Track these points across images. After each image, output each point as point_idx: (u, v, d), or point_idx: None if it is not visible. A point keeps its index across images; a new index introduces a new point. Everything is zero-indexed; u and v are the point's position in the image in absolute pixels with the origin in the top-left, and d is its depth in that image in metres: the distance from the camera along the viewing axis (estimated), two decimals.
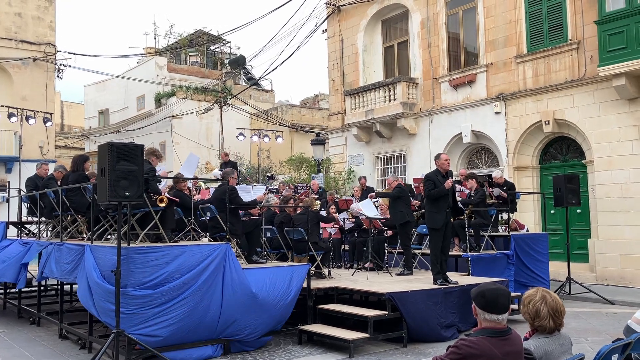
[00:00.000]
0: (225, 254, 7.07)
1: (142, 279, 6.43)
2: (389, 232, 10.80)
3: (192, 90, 28.10)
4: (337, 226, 11.57)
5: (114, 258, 6.24)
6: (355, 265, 10.84)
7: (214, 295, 6.91)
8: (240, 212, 8.99)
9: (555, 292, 3.36)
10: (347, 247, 12.05)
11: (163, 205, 7.29)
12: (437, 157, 8.89)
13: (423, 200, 11.03)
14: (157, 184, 8.18)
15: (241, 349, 7.31)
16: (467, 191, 11.08)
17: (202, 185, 11.49)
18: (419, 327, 7.71)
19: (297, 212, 9.91)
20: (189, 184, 9.90)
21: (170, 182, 9.61)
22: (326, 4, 20.12)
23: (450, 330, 7.96)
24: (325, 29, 20.44)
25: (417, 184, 12.33)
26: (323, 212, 11.05)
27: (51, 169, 11.12)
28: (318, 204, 12.36)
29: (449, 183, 8.48)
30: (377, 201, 11.87)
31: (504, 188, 11.55)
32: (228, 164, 11.09)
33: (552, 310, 3.26)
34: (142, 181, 6.29)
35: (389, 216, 10.60)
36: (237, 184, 9.45)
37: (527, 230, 12.45)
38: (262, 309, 7.30)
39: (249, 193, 9.50)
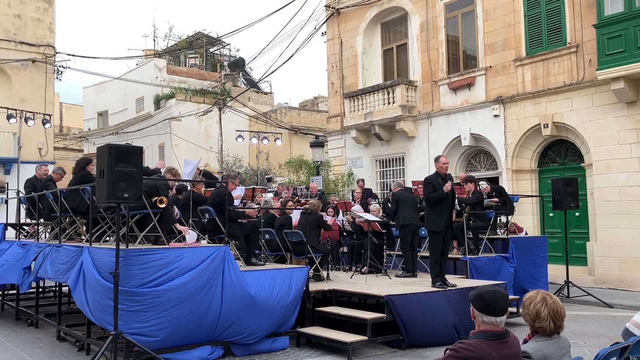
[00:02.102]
0: (224, 256, 7.07)
1: (141, 281, 6.42)
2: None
3: (191, 92, 28.11)
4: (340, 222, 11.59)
5: (112, 260, 6.23)
6: (353, 268, 10.84)
7: (214, 297, 6.89)
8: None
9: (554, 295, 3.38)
10: (345, 249, 12.05)
11: (162, 206, 7.28)
12: (437, 160, 8.88)
13: (421, 203, 11.06)
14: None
15: (243, 351, 7.29)
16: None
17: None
18: (418, 329, 7.70)
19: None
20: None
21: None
22: (325, 6, 20.15)
23: (449, 333, 7.94)
24: (325, 32, 20.47)
25: (415, 187, 12.34)
26: (327, 218, 11.02)
27: (50, 170, 11.10)
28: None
29: (447, 187, 8.45)
30: (373, 203, 11.92)
31: (493, 194, 11.55)
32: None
33: (553, 312, 3.26)
34: (140, 183, 6.28)
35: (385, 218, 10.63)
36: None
37: (526, 233, 12.46)
38: (261, 311, 7.29)
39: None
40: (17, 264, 9.50)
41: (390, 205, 10.49)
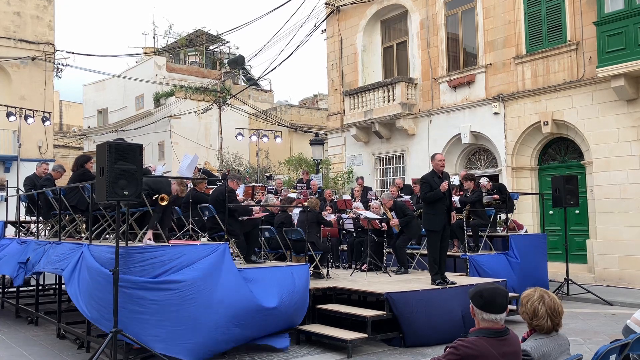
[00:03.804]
0: (224, 254, 7.06)
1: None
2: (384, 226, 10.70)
3: (191, 90, 28.09)
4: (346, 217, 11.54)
5: (111, 257, 6.22)
6: (353, 266, 10.85)
7: (213, 296, 6.87)
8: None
9: (553, 292, 3.37)
10: (345, 247, 12.05)
11: (164, 204, 7.25)
12: (433, 158, 8.88)
13: (419, 202, 11.06)
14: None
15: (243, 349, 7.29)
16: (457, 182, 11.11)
17: None
18: (419, 327, 7.69)
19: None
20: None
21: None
22: (325, 4, 20.12)
23: (455, 329, 7.89)
24: (325, 29, 20.44)
25: (415, 185, 12.34)
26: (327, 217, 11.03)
27: (50, 169, 11.10)
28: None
29: (444, 186, 8.43)
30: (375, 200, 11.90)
31: (494, 191, 11.56)
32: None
33: (550, 310, 3.26)
34: (140, 180, 6.28)
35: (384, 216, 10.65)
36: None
37: (526, 231, 12.45)
38: (262, 310, 7.24)
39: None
40: (13, 257, 9.56)
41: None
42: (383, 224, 10.48)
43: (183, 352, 6.52)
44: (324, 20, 20.20)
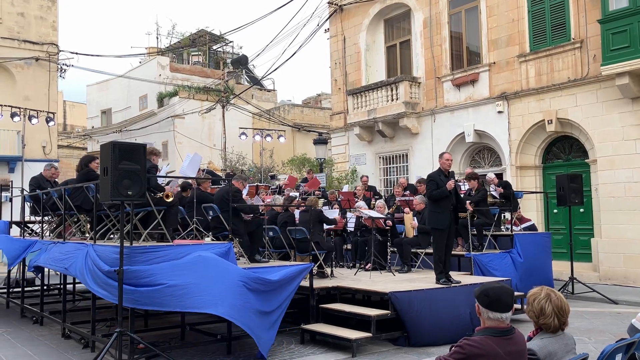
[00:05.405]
0: (227, 254, 7.05)
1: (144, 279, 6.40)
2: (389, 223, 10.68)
3: (195, 90, 28.12)
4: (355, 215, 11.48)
5: (116, 257, 6.23)
6: (357, 265, 10.84)
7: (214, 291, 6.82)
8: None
9: (558, 291, 3.36)
10: (349, 246, 12.04)
11: (169, 200, 7.22)
12: (440, 156, 8.90)
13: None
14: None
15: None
16: (465, 187, 11.09)
17: None
18: (424, 326, 7.67)
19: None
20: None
21: (178, 182, 9.76)
22: (328, 3, 20.11)
23: (456, 329, 7.88)
24: (328, 29, 20.44)
25: (419, 184, 12.31)
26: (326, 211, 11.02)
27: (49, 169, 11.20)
28: (322, 202, 12.35)
29: (450, 184, 8.44)
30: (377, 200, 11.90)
31: (499, 187, 11.56)
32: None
33: (557, 309, 3.25)
34: (144, 180, 6.28)
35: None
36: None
37: (532, 224, 12.40)
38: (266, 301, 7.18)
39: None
40: (17, 241, 9.83)
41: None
42: (388, 222, 10.47)
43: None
44: (327, 20, 20.20)
